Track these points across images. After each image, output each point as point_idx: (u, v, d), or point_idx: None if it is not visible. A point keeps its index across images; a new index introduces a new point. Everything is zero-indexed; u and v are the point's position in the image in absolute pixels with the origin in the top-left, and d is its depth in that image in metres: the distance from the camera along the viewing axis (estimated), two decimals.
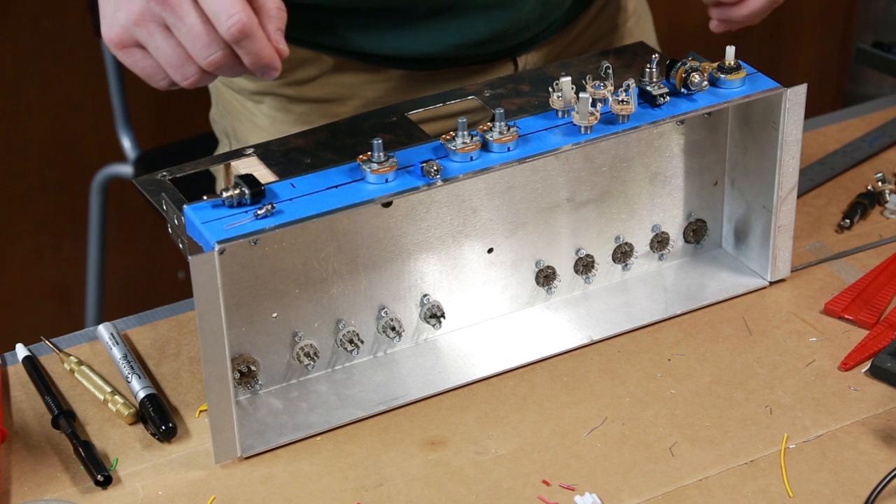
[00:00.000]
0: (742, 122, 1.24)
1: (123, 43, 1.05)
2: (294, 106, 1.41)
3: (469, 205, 1.18)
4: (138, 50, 1.06)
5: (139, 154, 2.22)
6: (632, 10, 1.52)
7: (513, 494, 1.06)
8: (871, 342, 1.19)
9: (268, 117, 1.43)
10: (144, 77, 1.07)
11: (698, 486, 1.07)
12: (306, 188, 1.09)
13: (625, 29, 1.51)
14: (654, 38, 1.58)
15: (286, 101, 1.41)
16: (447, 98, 1.24)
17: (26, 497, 1.07)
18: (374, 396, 1.15)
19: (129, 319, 1.24)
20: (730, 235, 1.29)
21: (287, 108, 1.41)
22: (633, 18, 1.53)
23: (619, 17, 1.50)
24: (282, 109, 1.42)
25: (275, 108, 1.42)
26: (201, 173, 1.15)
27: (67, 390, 1.17)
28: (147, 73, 1.07)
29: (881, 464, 1.08)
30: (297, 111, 1.41)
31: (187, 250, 1.05)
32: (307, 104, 1.41)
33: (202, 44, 1.02)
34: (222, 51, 1.02)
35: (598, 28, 1.48)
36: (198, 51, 1.02)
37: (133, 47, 1.06)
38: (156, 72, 1.06)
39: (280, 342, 1.15)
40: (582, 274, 1.25)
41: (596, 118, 1.14)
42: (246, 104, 1.44)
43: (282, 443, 1.11)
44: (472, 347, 1.20)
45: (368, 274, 1.16)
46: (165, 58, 1.04)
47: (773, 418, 1.12)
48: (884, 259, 1.29)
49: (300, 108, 1.41)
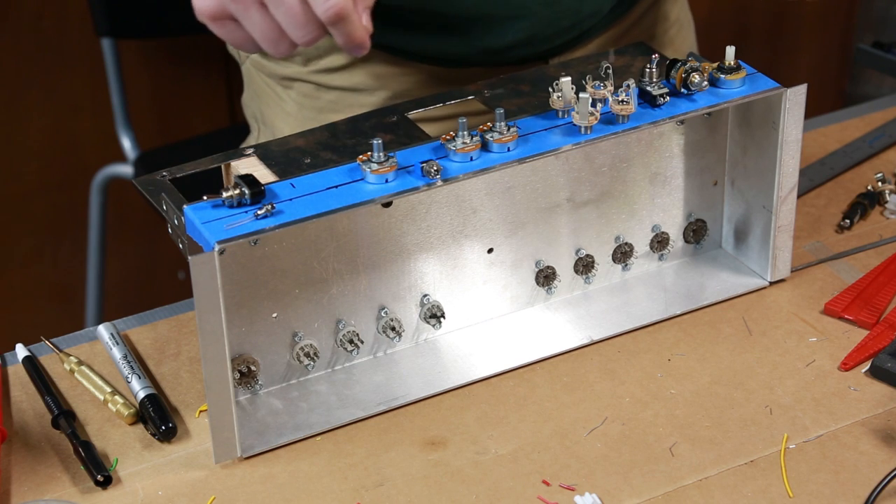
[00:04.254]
0: (742, 122, 1.24)
1: (216, 16, 1.05)
2: (322, 93, 1.42)
3: (469, 205, 1.18)
4: (231, 22, 1.06)
5: (139, 154, 2.22)
6: (674, 18, 1.50)
7: (513, 494, 1.06)
8: (871, 342, 1.19)
9: (296, 103, 1.43)
10: (233, 45, 1.08)
11: (698, 486, 1.07)
12: (306, 188, 1.09)
13: (666, 38, 1.49)
14: (695, 47, 1.56)
15: (314, 87, 1.42)
16: (447, 98, 1.24)
17: (26, 497, 1.07)
18: (374, 396, 1.15)
19: (129, 319, 1.24)
20: (730, 235, 1.29)
21: (315, 94, 1.42)
22: (675, 27, 1.50)
23: (660, 25, 1.48)
24: (310, 96, 1.42)
25: (303, 94, 1.43)
26: (201, 173, 1.15)
27: (67, 390, 1.17)
28: (237, 43, 1.07)
29: (881, 464, 1.08)
30: (325, 98, 1.42)
31: (187, 250, 1.05)
32: (335, 92, 1.41)
33: (298, 24, 1.02)
34: (317, 31, 1.02)
35: (637, 35, 1.46)
36: (294, 30, 1.02)
37: (226, 20, 1.06)
38: (247, 43, 1.06)
39: (280, 342, 1.15)
40: (582, 274, 1.25)
41: (596, 118, 1.14)
42: (276, 89, 1.45)
43: (282, 443, 1.11)
44: (472, 347, 1.20)
45: (368, 274, 1.16)
46: (260, 33, 1.04)
47: (773, 418, 1.12)
48: (884, 259, 1.29)
49: (328, 95, 1.42)
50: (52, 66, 2.25)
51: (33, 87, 2.25)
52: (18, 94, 2.25)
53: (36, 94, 2.26)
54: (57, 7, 2.21)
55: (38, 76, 2.25)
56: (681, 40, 1.52)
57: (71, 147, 2.31)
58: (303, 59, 1.41)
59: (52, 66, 2.25)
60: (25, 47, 2.22)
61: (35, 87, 2.25)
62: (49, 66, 2.24)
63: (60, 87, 2.27)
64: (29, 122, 2.27)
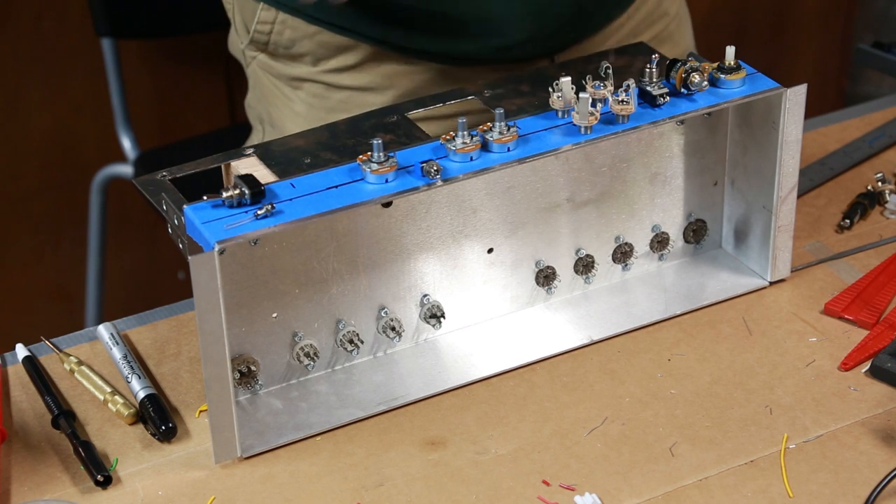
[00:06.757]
0: (742, 122, 1.24)
1: None
2: (332, 93, 1.42)
3: (469, 205, 1.18)
4: None
5: (139, 154, 2.22)
6: (673, 13, 1.51)
7: (513, 494, 1.06)
8: (871, 342, 1.19)
9: (305, 104, 1.44)
10: None
11: (698, 486, 1.07)
12: (306, 188, 1.09)
13: (665, 33, 1.50)
14: (692, 42, 1.57)
15: (324, 87, 1.42)
16: (447, 98, 1.24)
17: (26, 497, 1.07)
18: (374, 396, 1.15)
19: (129, 319, 1.24)
20: (730, 235, 1.29)
21: (325, 95, 1.42)
22: (675, 22, 1.52)
23: (661, 20, 1.49)
24: (319, 96, 1.43)
25: (312, 94, 1.43)
26: (201, 173, 1.15)
27: (67, 390, 1.17)
28: None
29: (881, 464, 1.08)
30: (335, 98, 1.42)
31: (187, 250, 1.05)
32: (345, 92, 1.42)
33: None
34: None
35: (637, 29, 1.46)
36: None
37: None
38: None
39: (280, 342, 1.15)
40: (582, 274, 1.25)
41: (596, 118, 1.14)
42: (284, 90, 1.45)
43: (282, 443, 1.11)
44: (472, 347, 1.20)
45: (368, 274, 1.16)
46: None
47: (773, 418, 1.12)
48: (884, 259, 1.29)
49: (338, 95, 1.42)
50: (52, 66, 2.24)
51: (33, 87, 2.25)
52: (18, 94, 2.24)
53: (36, 94, 2.26)
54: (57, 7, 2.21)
55: (38, 76, 2.24)
56: (680, 35, 1.53)
57: (71, 147, 2.31)
58: (312, 60, 1.41)
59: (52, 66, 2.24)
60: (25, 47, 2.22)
61: (35, 87, 2.25)
62: (49, 66, 2.24)
63: (60, 87, 2.27)
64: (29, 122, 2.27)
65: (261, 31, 1.42)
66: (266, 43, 1.42)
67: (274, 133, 1.49)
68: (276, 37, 1.41)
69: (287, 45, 1.41)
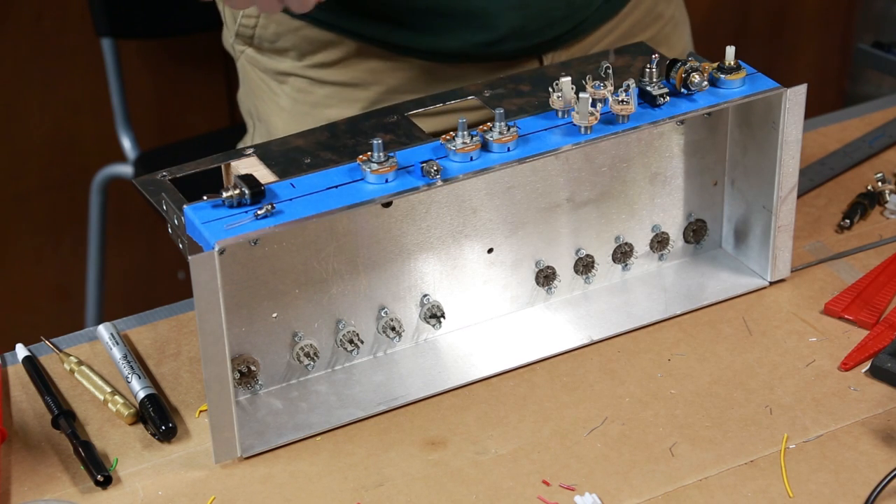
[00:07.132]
0: (742, 123, 1.24)
1: None
2: (316, 88, 1.42)
3: (469, 205, 1.18)
4: None
5: (139, 154, 2.22)
6: (668, 16, 1.51)
7: (513, 494, 1.06)
8: (871, 342, 1.19)
9: (290, 98, 1.44)
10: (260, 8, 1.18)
11: (698, 486, 1.07)
12: (306, 188, 1.09)
13: (661, 35, 1.49)
14: (690, 45, 1.56)
15: (308, 82, 1.42)
16: (447, 98, 1.24)
17: (26, 497, 1.07)
18: (374, 396, 1.15)
19: (129, 319, 1.24)
20: (730, 235, 1.29)
21: (309, 90, 1.42)
22: (670, 25, 1.51)
23: (655, 23, 1.49)
24: (304, 91, 1.43)
25: (297, 89, 1.43)
26: (201, 173, 1.15)
27: (67, 390, 1.17)
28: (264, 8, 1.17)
29: (881, 464, 1.08)
30: (320, 93, 1.42)
31: (187, 250, 1.05)
32: (329, 87, 1.42)
33: None
34: None
35: (630, 32, 1.46)
36: None
37: None
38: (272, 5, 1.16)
39: (280, 342, 1.15)
40: (582, 274, 1.25)
41: (596, 118, 1.14)
42: (270, 84, 1.45)
43: (282, 443, 1.11)
44: (472, 347, 1.20)
45: (368, 274, 1.16)
46: None
47: (773, 418, 1.12)
48: (884, 259, 1.29)
49: (322, 90, 1.42)
50: (52, 66, 2.25)
51: (33, 87, 2.25)
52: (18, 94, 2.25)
53: (36, 94, 2.26)
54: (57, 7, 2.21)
55: (38, 76, 2.25)
56: (676, 38, 1.52)
57: (71, 147, 2.31)
58: (297, 54, 1.41)
59: (52, 66, 2.25)
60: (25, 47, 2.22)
61: (35, 87, 2.25)
62: (49, 66, 2.24)
63: (60, 87, 2.27)
64: (29, 122, 2.27)
65: (246, 24, 1.42)
66: (251, 37, 1.43)
67: (262, 128, 1.49)
68: (260, 31, 1.41)
69: (272, 39, 1.41)
